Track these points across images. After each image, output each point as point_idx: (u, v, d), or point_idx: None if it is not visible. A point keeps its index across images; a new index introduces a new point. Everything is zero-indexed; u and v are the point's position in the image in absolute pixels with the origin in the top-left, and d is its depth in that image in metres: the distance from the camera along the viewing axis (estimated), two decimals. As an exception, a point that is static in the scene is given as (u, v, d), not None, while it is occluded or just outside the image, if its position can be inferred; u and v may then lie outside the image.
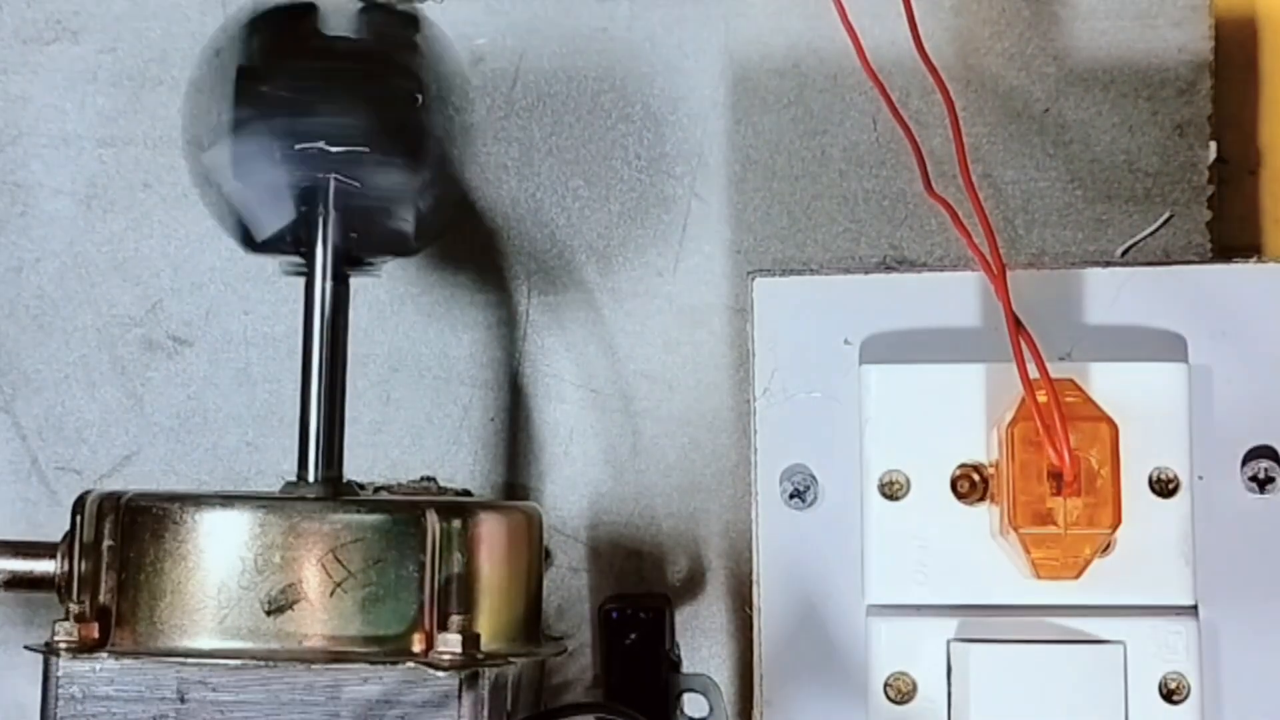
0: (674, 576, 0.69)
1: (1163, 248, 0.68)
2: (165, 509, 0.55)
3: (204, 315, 0.72)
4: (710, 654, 0.68)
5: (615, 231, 0.71)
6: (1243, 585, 0.59)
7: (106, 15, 0.73)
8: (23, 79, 0.73)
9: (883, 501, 0.59)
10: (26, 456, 0.72)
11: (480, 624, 0.55)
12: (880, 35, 0.66)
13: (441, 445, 0.70)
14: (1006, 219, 0.68)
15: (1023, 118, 0.69)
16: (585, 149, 0.71)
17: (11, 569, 0.59)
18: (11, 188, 0.73)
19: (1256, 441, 0.60)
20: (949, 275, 0.62)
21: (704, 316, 0.70)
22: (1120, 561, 0.57)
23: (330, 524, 0.54)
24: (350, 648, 0.54)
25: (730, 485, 0.69)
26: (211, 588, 0.54)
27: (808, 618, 0.61)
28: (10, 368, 0.72)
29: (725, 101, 0.70)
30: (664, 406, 0.70)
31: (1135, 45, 0.69)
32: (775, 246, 0.70)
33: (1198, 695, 0.57)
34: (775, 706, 0.61)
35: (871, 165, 0.69)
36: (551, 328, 0.71)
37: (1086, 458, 0.55)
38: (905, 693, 0.58)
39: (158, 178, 0.72)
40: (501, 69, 0.71)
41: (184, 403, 0.71)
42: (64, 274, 0.72)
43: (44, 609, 0.64)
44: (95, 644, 0.54)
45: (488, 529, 0.57)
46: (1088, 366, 0.58)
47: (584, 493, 0.70)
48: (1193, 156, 0.68)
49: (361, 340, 0.70)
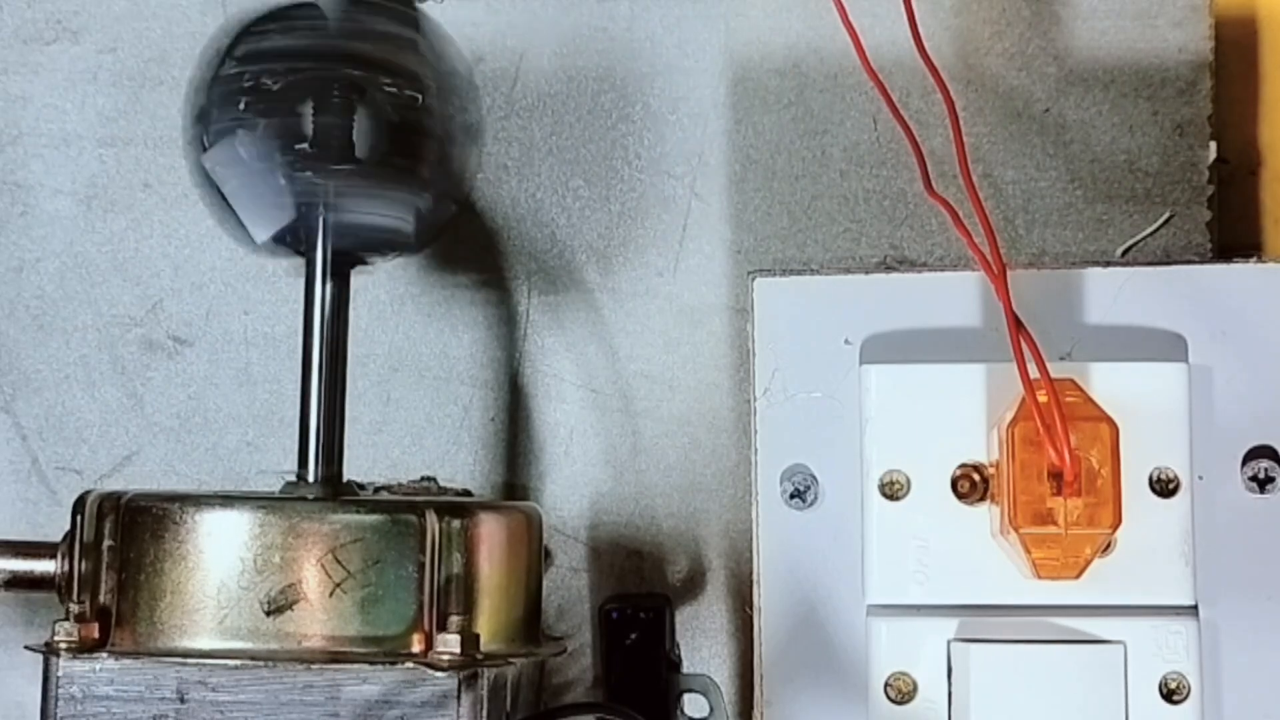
0: (674, 576, 0.69)
1: (1163, 248, 0.68)
2: (165, 509, 0.55)
3: (204, 315, 0.72)
4: (710, 654, 0.68)
5: (615, 231, 0.71)
6: (1243, 585, 0.59)
7: (106, 15, 0.73)
8: (23, 79, 0.73)
9: (883, 501, 0.59)
10: (26, 456, 0.72)
11: (480, 624, 0.55)
12: (880, 35, 0.66)
13: (441, 445, 0.70)
14: (1007, 219, 0.68)
15: (1023, 118, 0.69)
16: (585, 149, 0.71)
17: (11, 569, 0.59)
18: (11, 188, 0.73)
19: (1256, 441, 0.60)
20: (949, 275, 0.62)
21: (704, 316, 0.70)
22: (1120, 561, 0.57)
23: (330, 524, 0.54)
24: (350, 648, 0.54)
25: (730, 485, 0.69)
26: (211, 588, 0.54)
27: (808, 618, 0.61)
28: (10, 368, 0.72)
29: (725, 101, 0.70)
30: (664, 406, 0.70)
31: (1135, 45, 0.69)
32: (775, 246, 0.70)
33: (1198, 695, 0.57)
34: (775, 706, 0.61)
35: (871, 165, 0.69)
36: (551, 328, 0.71)
37: (1087, 458, 0.55)
38: (905, 693, 0.58)
39: (158, 178, 0.72)
40: (501, 69, 0.71)
41: (184, 403, 0.71)
42: (64, 274, 0.72)
43: (44, 609, 0.64)
44: (95, 644, 0.54)
45: (488, 529, 0.57)
46: (1088, 366, 0.58)
47: (584, 493, 0.70)
48: (1193, 156, 0.68)
49: (361, 340, 0.70)
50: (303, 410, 0.59)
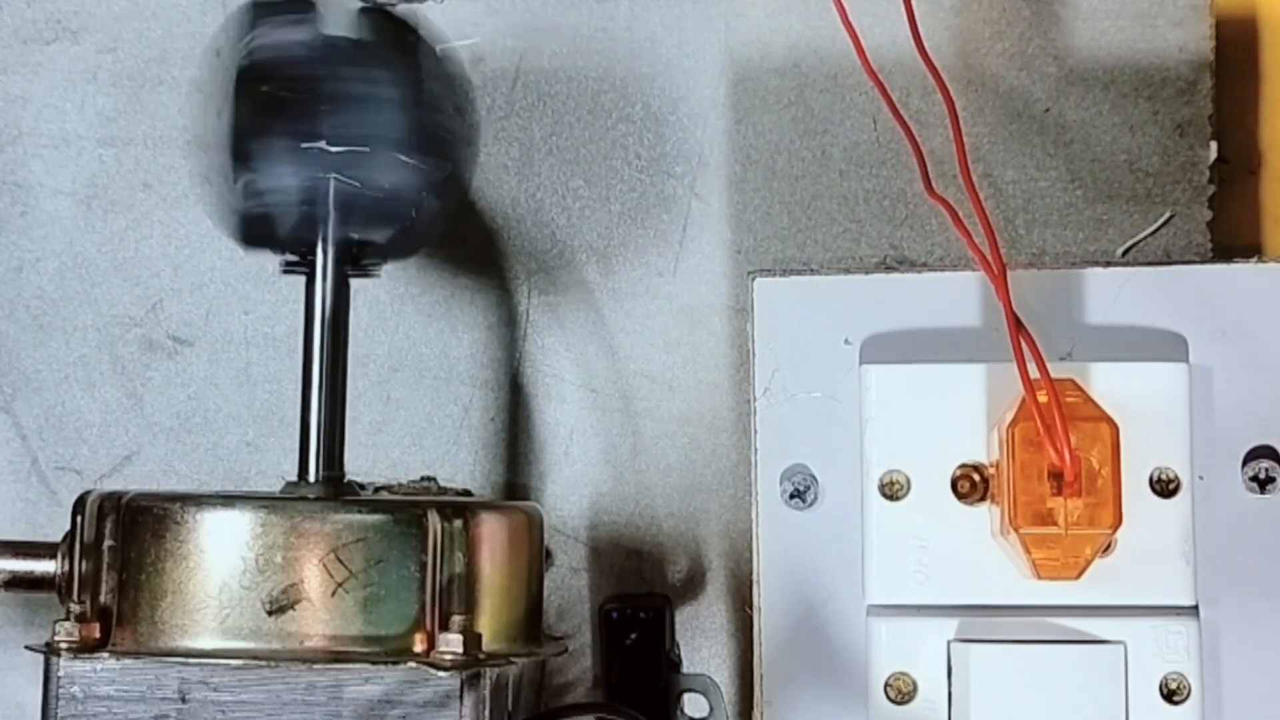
0: (674, 576, 0.69)
1: (1163, 248, 0.68)
2: (166, 509, 0.55)
3: (204, 315, 0.72)
4: (710, 654, 0.68)
5: (615, 231, 0.71)
6: (1243, 585, 0.59)
7: (106, 15, 0.73)
8: (23, 79, 0.73)
9: (883, 502, 0.59)
10: (26, 456, 0.72)
11: (481, 624, 0.55)
12: (880, 35, 0.66)
13: (442, 445, 0.70)
14: (1007, 219, 0.68)
15: (1023, 118, 0.69)
16: (585, 149, 0.71)
17: (11, 569, 0.59)
18: (11, 188, 0.73)
19: (1257, 441, 0.60)
20: (949, 275, 0.62)
21: (704, 316, 0.70)
22: (1121, 562, 0.57)
23: (331, 524, 0.54)
24: (352, 648, 0.54)
25: (730, 485, 0.69)
26: (213, 588, 0.54)
27: (808, 618, 0.61)
28: (10, 368, 0.72)
29: (725, 101, 0.70)
30: (664, 406, 0.70)
31: (1135, 45, 0.69)
32: (775, 246, 0.70)
33: (1198, 695, 0.57)
34: (775, 706, 0.61)
35: (871, 165, 0.69)
36: (552, 328, 0.71)
37: (1087, 458, 0.55)
38: (905, 693, 0.58)
39: (158, 178, 0.72)
40: (501, 69, 0.71)
41: (184, 403, 0.71)
42: (64, 274, 0.72)
43: (44, 609, 0.64)
44: (96, 644, 0.54)
45: (489, 529, 0.57)
46: (1088, 366, 0.58)
47: (584, 493, 0.70)
48: (1193, 156, 0.68)
49: (361, 340, 0.70)
50: (303, 410, 0.59)
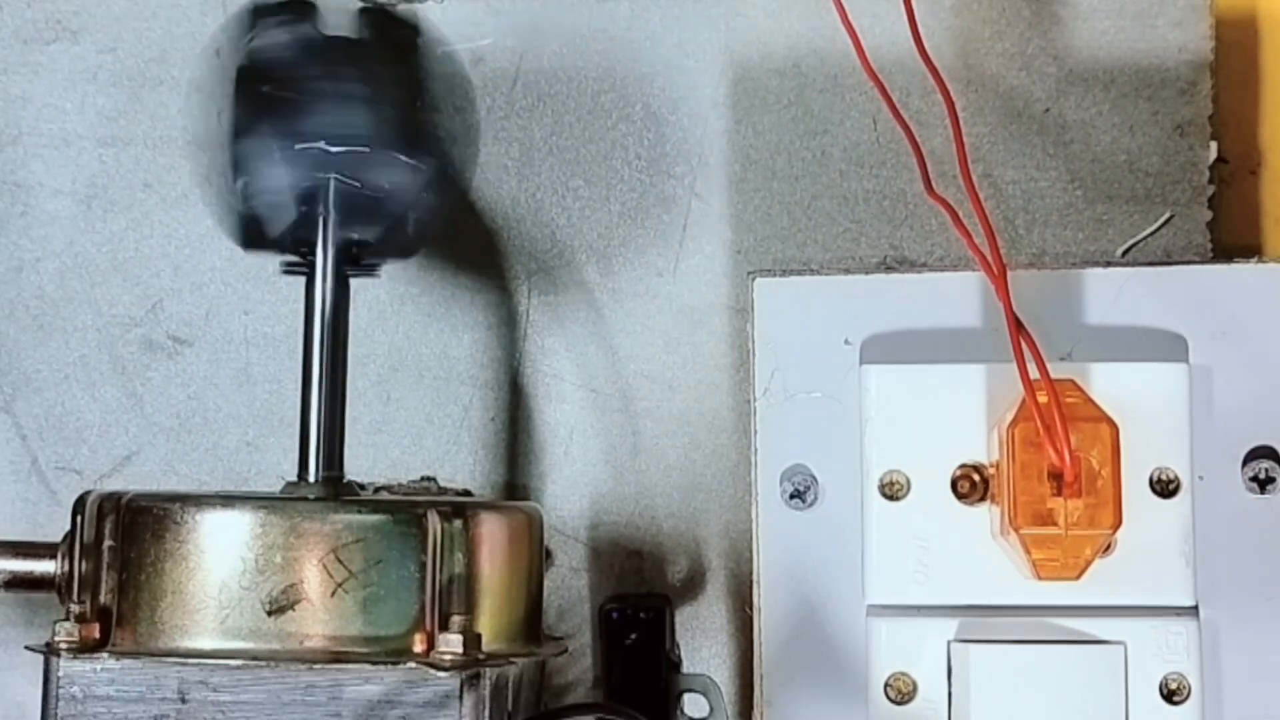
0: (674, 576, 0.69)
1: (1163, 248, 0.68)
2: (166, 509, 0.55)
3: (204, 315, 0.72)
4: (710, 654, 0.68)
5: (615, 231, 0.71)
6: (1243, 585, 0.59)
7: (106, 15, 0.73)
8: (23, 79, 0.73)
9: (883, 502, 0.59)
10: (26, 456, 0.72)
11: (481, 624, 0.55)
12: (880, 35, 0.66)
13: (441, 445, 0.70)
14: (1007, 219, 0.68)
15: (1023, 118, 0.69)
16: (585, 149, 0.71)
17: (11, 569, 0.59)
18: (11, 188, 0.73)
19: (1257, 441, 0.60)
20: (949, 275, 0.62)
21: (704, 316, 0.70)
22: (1121, 562, 0.57)
23: (331, 524, 0.54)
24: (351, 648, 0.54)
25: (730, 485, 0.69)
26: (212, 588, 0.54)
27: (808, 618, 0.61)
28: (10, 368, 0.72)
29: (725, 101, 0.70)
30: (664, 406, 0.70)
31: (1135, 45, 0.69)
32: (775, 246, 0.70)
33: (1198, 696, 0.57)
34: (775, 707, 0.61)
35: (871, 165, 0.69)
36: (552, 328, 0.71)
37: (1087, 458, 0.55)
38: (905, 693, 0.58)
39: (158, 178, 0.72)
40: (501, 69, 0.71)
41: (184, 403, 0.71)
42: (64, 274, 0.72)
43: (44, 609, 0.64)
44: (96, 644, 0.54)
45: (488, 529, 0.57)
46: (1088, 366, 0.58)
47: (584, 493, 0.70)
48: (1193, 156, 0.68)
49: (361, 340, 0.70)
50: (303, 410, 0.59)
